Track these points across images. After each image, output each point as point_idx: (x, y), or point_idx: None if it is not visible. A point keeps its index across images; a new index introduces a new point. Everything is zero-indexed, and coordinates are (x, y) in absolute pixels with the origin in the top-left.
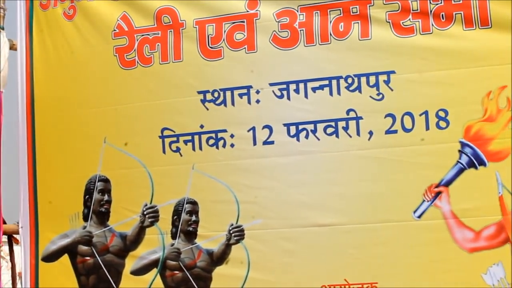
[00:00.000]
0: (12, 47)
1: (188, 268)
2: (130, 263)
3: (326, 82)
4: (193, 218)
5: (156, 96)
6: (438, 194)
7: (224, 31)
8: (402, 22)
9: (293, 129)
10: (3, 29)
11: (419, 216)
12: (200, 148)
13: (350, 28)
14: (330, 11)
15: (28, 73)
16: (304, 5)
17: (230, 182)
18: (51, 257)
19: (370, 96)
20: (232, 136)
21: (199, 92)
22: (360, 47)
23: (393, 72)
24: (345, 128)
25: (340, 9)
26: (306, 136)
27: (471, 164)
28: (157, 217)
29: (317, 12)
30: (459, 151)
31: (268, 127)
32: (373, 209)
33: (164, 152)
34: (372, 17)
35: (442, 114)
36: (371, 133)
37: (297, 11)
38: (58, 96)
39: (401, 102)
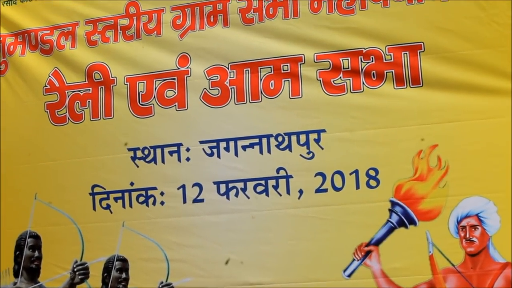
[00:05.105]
0: None
1: None
2: None
3: (257, 140)
4: (123, 275)
5: (86, 153)
6: (368, 253)
7: (155, 88)
8: (333, 81)
9: (223, 187)
10: None
11: (349, 275)
12: (130, 206)
13: (280, 86)
14: (260, 68)
15: None
16: (235, 62)
17: (160, 239)
18: None
19: (301, 155)
20: (162, 193)
21: (129, 149)
22: (291, 105)
23: (323, 130)
24: (275, 187)
25: (271, 67)
26: (236, 195)
27: (401, 223)
28: (88, 274)
29: (248, 70)
30: (390, 210)
31: (198, 185)
32: (303, 268)
33: (94, 209)
34: (302, 75)
35: (372, 173)
36: (301, 191)
37: (228, 68)
38: None
39: (332, 161)
